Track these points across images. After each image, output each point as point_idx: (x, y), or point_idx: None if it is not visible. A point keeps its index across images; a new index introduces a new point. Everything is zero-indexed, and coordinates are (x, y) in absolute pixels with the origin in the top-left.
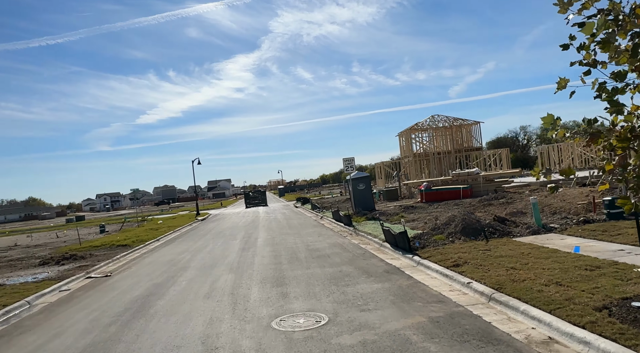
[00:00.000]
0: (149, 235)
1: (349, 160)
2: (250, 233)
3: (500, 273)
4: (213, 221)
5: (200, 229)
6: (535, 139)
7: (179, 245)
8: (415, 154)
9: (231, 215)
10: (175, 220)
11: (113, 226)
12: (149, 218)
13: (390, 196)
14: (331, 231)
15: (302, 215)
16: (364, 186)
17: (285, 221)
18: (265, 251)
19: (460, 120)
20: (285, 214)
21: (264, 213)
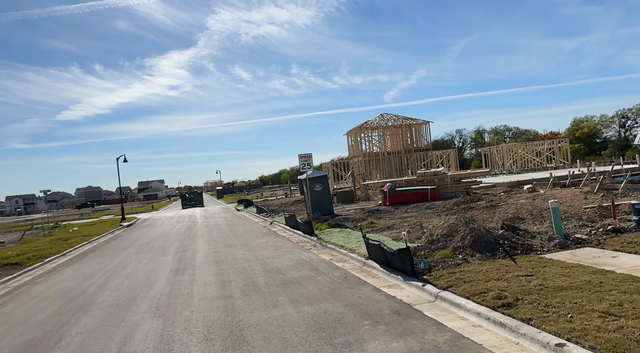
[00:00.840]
0: (54, 247)
1: (306, 157)
2: (186, 244)
3: (597, 324)
4: (141, 228)
5: (124, 239)
6: (470, 142)
7: (90, 262)
8: (365, 153)
9: (163, 220)
10: (95, 227)
11: (15, 235)
12: (64, 224)
13: (346, 198)
14: (289, 242)
15: (248, 220)
16: (321, 187)
17: (229, 228)
18: (208, 274)
19: (410, 119)
20: (227, 219)
21: (202, 217)
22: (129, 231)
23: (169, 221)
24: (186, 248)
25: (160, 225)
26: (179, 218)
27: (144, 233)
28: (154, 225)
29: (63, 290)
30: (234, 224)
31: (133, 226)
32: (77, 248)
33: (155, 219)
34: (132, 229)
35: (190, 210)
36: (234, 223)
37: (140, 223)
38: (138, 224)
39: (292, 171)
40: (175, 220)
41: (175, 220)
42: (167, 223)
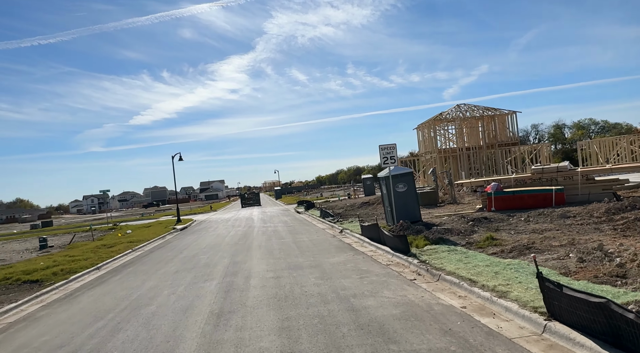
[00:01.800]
0: (92, 257)
1: (389, 148)
2: (238, 261)
3: None
4: (193, 233)
5: (171, 247)
6: (547, 137)
7: (119, 284)
8: (440, 149)
9: (219, 223)
10: (148, 230)
11: (70, 237)
12: (122, 225)
13: (427, 201)
14: (376, 264)
15: (311, 226)
16: (405, 187)
17: (291, 236)
18: (265, 329)
19: (492, 110)
20: (287, 223)
21: (260, 221)
22: (180, 236)
23: (224, 224)
24: (238, 267)
25: (214, 230)
26: (234, 222)
27: (193, 241)
28: (207, 230)
29: (50, 345)
30: (296, 231)
31: (186, 230)
32: (116, 259)
33: (211, 222)
34: (184, 234)
35: (247, 212)
36: (296, 229)
37: (195, 227)
38: (192, 227)
39: (350, 170)
40: (231, 224)
41: (231, 224)
42: (222, 227)
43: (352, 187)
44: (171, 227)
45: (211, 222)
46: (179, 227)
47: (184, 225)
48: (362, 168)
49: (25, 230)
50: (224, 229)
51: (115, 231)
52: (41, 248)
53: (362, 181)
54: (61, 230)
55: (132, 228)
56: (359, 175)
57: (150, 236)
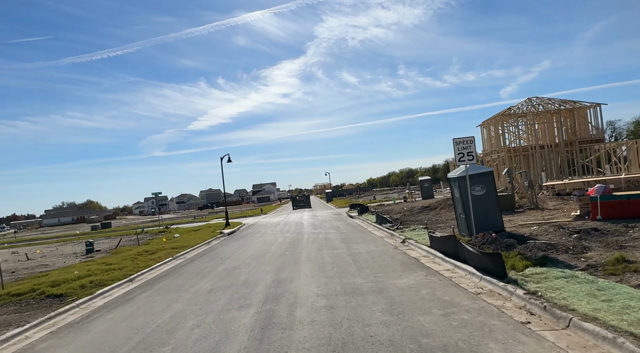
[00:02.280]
0: (129, 266)
1: (465, 142)
2: (283, 279)
3: None
4: (239, 239)
5: (212, 256)
6: (627, 134)
7: (143, 305)
8: (509, 148)
9: (267, 228)
10: (195, 234)
11: (124, 238)
12: (172, 228)
13: (503, 206)
14: (462, 292)
15: (367, 234)
16: (483, 189)
17: (345, 247)
18: None
19: (570, 102)
20: (340, 230)
21: (310, 226)
22: (225, 242)
23: (273, 229)
24: (282, 288)
25: (261, 236)
26: (283, 226)
27: (238, 248)
28: (254, 235)
29: None
30: (351, 239)
31: (233, 235)
32: (153, 269)
33: (259, 226)
34: (230, 239)
35: (298, 215)
36: (350, 237)
37: (243, 231)
38: (239, 232)
39: (402, 173)
40: (280, 229)
41: (280, 229)
42: (270, 232)
43: (407, 190)
44: (218, 231)
45: (260, 226)
46: (227, 231)
47: (232, 229)
48: (415, 170)
49: (86, 231)
50: (271, 235)
51: (164, 234)
52: (87, 252)
53: (419, 184)
54: (116, 232)
55: (181, 232)
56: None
57: (195, 242)
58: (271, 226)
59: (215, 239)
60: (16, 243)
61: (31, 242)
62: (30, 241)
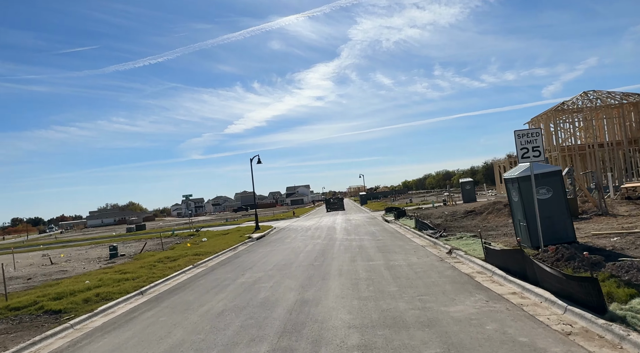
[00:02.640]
0: (145, 275)
1: (530, 135)
2: (307, 299)
3: None
4: (267, 244)
5: (235, 264)
6: None
7: (139, 332)
8: (563, 147)
9: (297, 233)
10: (223, 239)
11: (151, 243)
12: (202, 231)
13: None
14: (544, 331)
15: (406, 241)
16: (550, 192)
17: (382, 258)
18: None
19: (635, 95)
20: (375, 237)
21: (343, 231)
22: (252, 248)
23: (303, 235)
24: (305, 315)
25: (291, 242)
26: (314, 231)
27: (263, 256)
28: (283, 241)
29: None
30: (388, 248)
31: (262, 240)
32: (169, 279)
33: (290, 231)
34: (257, 245)
35: (330, 219)
36: (387, 245)
37: (272, 236)
38: (268, 237)
39: (438, 175)
40: (310, 234)
41: (310, 234)
42: (300, 237)
43: (446, 192)
44: (247, 236)
45: (290, 230)
46: (256, 236)
47: (261, 234)
48: (452, 172)
49: (121, 233)
50: (301, 241)
51: (192, 238)
52: (110, 257)
53: (459, 186)
54: (148, 235)
55: (210, 235)
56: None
57: (220, 247)
58: (302, 230)
59: (243, 244)
60: (53, 245)
61: (67, 244)
62: (67, 243)
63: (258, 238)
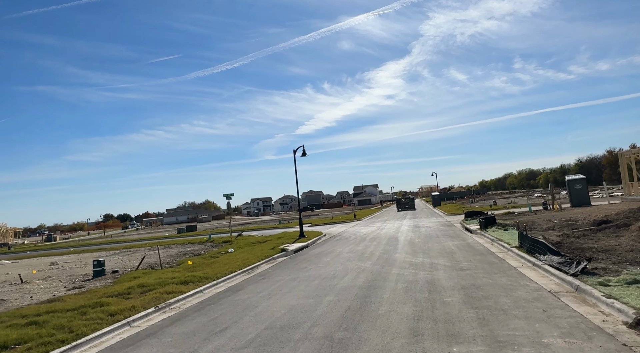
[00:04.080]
0: (125, 303)
1: None
2: None
3: None
4: (304, 260)
5: (249, 291)
6: None
7: None
8: None
9: (346, 245)
10: (253, 249)
11: (176, 249)
12: (245, 235)
13: None
14: None
15: (514, 278)
16: None
17: (478, 329)
18: None
19: None
20: (455, 260)
21: (407, 244)
22: (273, 271)
23: (352, 249)
24: None
25: (329, 262)
26: (369, 244)
27: (292, 279)
28: (320, 259)
29: None
30: (485, 295)
31: (297, 255)
32: (140, 318)
33: (340, 241)
34: (292, 261)
35: (394, 225)
36: (482, 288)
37: (313, 248)
38: (308, 250)
39: (521, 174)
40: (361, 249)
41: (361, 249)
42: (346, 254)
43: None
44: (281, 248)
45: (340, 240)
46: (293, 247)
47: (302, 244)
48: (537, 171)
49: (172, 234)
50: (344, 262)
51: (225, 245)
52: (95, 275)
53: (566, 185)
54: (196, 237)
55: (244, 244)
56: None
57: (241, 264)
58: (354, 241)
59: (267, 261)
60: (97, 246)
61: (115, 244)
62: (116, 244)
63: (295, 250)
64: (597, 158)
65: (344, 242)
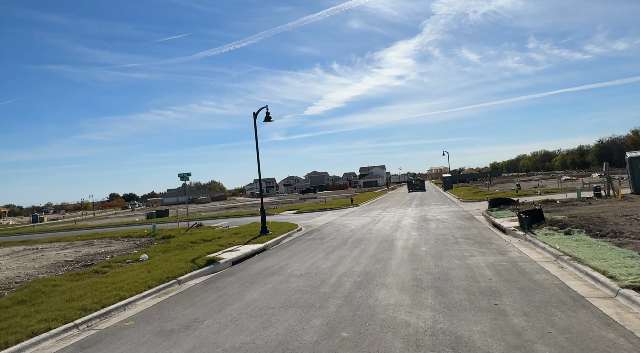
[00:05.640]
0: None
1: None
2: None
3: None
4: (237, 283)
5: None
6: None
7: None
8: None
9: (317, 253)
10: (196, 249)
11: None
12: (207, 225)
13: None
14: None
15: None
16: None
17: None
18: None
19: None
20: (514, 331)
21: (407, 259)
22: (195, 292)
23: (322, 263)
24: None
25: (269, 296)
26: (352, 248)
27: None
28: (260, 283)
29: None
30: None
31: (233, 270)
32: None
33: (313, 242)
34: (191, 296)
35: (396, 215)
36: None
37: (264, 258)
38: (257, 259)
39: (535, 156)
40: (336, 259)
41: (336, 259)
42: (309, 271)
43: (603, 174)
44: (231, 248)
45: (311, 243)
46: (236, 255)
47: (255, 247)
48: (552, 152)
49: (143, 220)
50: (280, 304)
51: (165, 241)
52: None
53: (627, 163)
54: (164, 225)
55: (185, 241)
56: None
57: (91, 301)
58: (328, 246)
59: (155, 293)
60: (39, 234)
61: (62, 232)
62: (65, 231)
63: (234, 262)
64: (621, 138)
65: (313, 248)
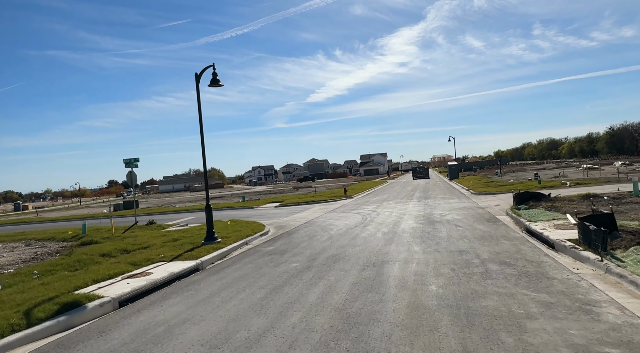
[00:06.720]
0: None
1: None
2: None
3: None
4: None
5: None
6: None
7: None
8: None
9: (303, 251)
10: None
11: None
12: (160, 223)
13: None
14: None
15: None
16: None
17: None
18: None
19: None
20: None
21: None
22: None
23: (275, 294)
24: None
25: None
26: (335, 255)
27: None
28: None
29: None
30: None
31: (136, 307)
32: None
33: (269, 261)
34: None
35: (393, 215)
36: None
37: (205, 277)
38: (193, 281)
39: (541, 144)
40: (309, 280)
41: (309, 280)
42: (245, 322)
43: None
44: (159, 261)
45: (279, 256)
46: (155, 277)
47: (198, 260)
48: (558, 140)
49: (112, 212)
50: None
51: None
52: None
53: None
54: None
55: (129, 242)
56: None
57: None
58: (299, 258)
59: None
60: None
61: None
62: (20, 224)
63: (124, 303)
64: (633, 125)
65: (259, 275)
